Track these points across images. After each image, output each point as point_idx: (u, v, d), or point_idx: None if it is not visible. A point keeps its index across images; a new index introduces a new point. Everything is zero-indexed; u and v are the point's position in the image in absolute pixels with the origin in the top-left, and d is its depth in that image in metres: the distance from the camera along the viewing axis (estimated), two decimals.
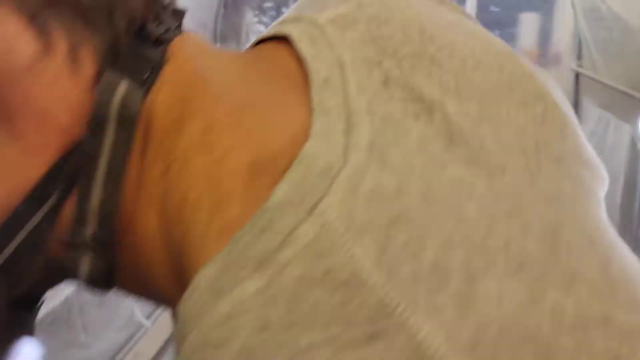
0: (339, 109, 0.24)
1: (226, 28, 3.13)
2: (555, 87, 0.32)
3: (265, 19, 3.15)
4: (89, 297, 1.93)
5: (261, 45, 0.30)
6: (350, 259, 0.19)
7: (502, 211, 0.23)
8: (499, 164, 0.25)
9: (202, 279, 0.21)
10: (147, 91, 0.24)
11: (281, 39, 0.28)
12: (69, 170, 0.22)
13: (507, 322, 0.19)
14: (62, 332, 1.77)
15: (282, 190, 0.21)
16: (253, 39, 0.32)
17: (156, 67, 0.24)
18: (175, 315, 0.22)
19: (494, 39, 0.33)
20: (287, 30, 0.28)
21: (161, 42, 0.25)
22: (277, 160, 0.22)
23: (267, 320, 0.19)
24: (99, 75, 0.23)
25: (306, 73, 0.25)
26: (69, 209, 0.23)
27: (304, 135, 0.23)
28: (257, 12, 3.16)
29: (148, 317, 2.36)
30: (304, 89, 0.25)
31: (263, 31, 0.31)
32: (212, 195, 0.22)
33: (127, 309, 2.23)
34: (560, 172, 0.27)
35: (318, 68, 0.25)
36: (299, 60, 0.26)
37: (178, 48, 0.26)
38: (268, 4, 3.14)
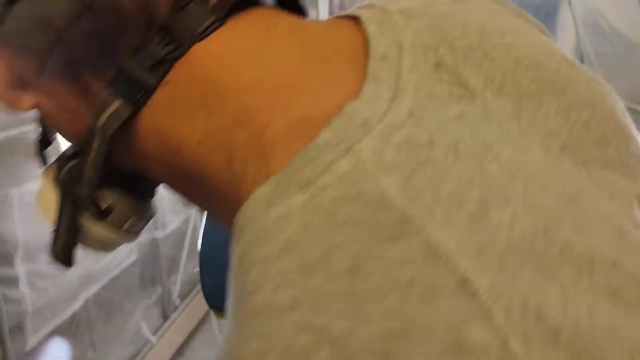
0: (389, 81, 0.27)
1: None
2: (616, 100, 0.34)
3: None
4: (97, 313, 1.94)
5: (335, 21, 0.33)
6: (378, 186, 0.23)
7: (522, 175, 0.26)
8: (524, 147, 0.28)
9: (258, 195, 0.26)
10: (138, 109, 0.30)
11: (353, 19, 0.32)
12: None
13: (514, 243, 0.22)
14: (69, 348, 1.78)
15: (324, 135, 0.25)
16: None
17: (149, 89, 0.29)
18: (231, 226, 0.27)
19: (556, 47, 0.35)
20: (358, 13, 0.31)
21: (166, 61, 0.29)
22: (320, 120, 0.26)
23: (309, 223, 0.23)
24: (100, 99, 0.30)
25: (367, 50, 0.29)
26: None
27: (353, 97, 0.26)
28: None
29: (154, 332, 2.36)
30: (363, 63, 0.28)
31: None
32: (258, 152, 0.27)
33: (134, 324, 2.23)
34: (582, 173, 0.29)
35: (378, 45, 0.29)
36: (364, 40, 0.29)
37: (204, 51, 0.29)
38: None
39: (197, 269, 1.00)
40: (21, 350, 1.54)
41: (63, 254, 0.37)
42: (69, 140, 0.36)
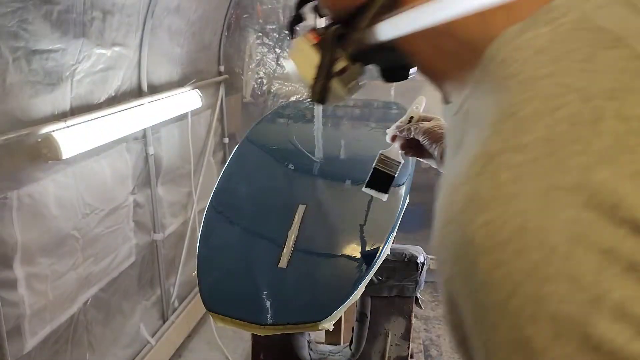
0: None
1: (230, 49, 3.19)
2: None
3: (267, 41, 3.21)
4: (95, 315, 1.95)
5: None
6: (598, 23, 0.35)
7: None
8: None
9: (510, 30, 0.37)
10: None
11: None
12: None
13: None
14: (67, 350, 1.79)
15: (555, 2, 0.37)
16: (256, 59, 0.39)
17: None
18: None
19: None
20: None
21: None
22: None
23: (553, 39, 0.35)
24: None
25: None
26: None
27: None
28: (259, 34, 3.22)
29: (153, 334, 2.37)
30: None
31: (265, 52, 0.40)
32: (506, 9, 0.38)
33: (133, 326, 2.24)
34: None
35: None
36: None
37: None
38: (270, 26, 3.20)
39: (195, 272, 1.01)
40: (19, 353, 1.54)
41: (320, 96, 0.51)
42: (337, 10, 0.49)
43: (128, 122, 1.95)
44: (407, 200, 1.27)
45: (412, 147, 0.93)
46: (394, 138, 0.95)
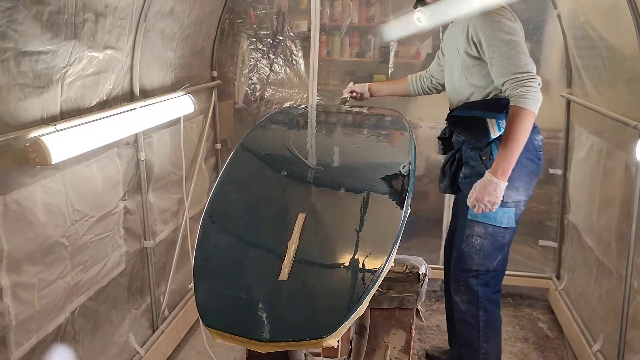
0: None
1: (223, 54, 3.16)
2: None
3: (261, 46, 3.18)
4: (83, 325, 1.89)
5: None
6: None
7: None
8: None
9: None
10: None
11: None
12: None
13: None
14: None
15: None
16: (249, 64, 0.33)
17: None
18: None
19: None
20: None
21: None
22: None
23: None
24: None
25: None
26: None
27: None
28: (253, 40, 3.19)
29: (142, 344, 2.31)
30: None
31: (259, 57, 0.34)
32: None
33: (122, 336, 2.18)
34: None
35: None
36: None
37: None
38: (264, 32, 3.18)
39: (192, 284, 0.97)
40: None
41: None
42: None
43: (119, 126, 1.90)
44: (409, 210, 1.24)
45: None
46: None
